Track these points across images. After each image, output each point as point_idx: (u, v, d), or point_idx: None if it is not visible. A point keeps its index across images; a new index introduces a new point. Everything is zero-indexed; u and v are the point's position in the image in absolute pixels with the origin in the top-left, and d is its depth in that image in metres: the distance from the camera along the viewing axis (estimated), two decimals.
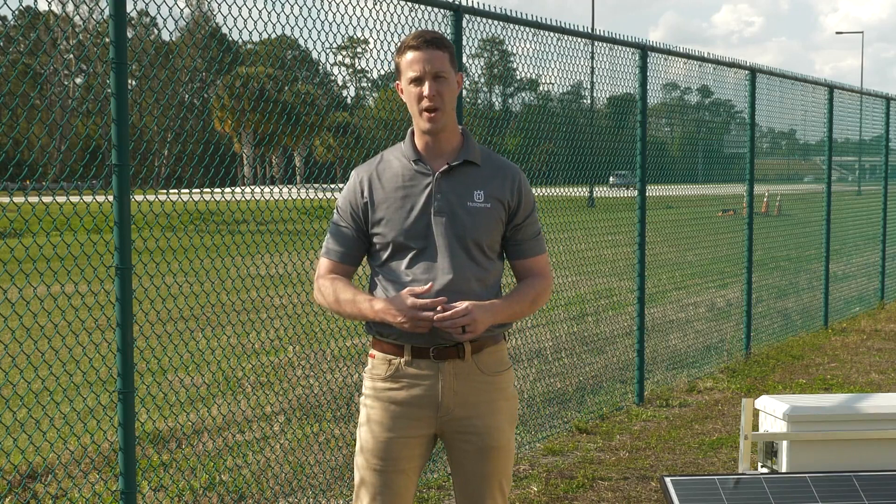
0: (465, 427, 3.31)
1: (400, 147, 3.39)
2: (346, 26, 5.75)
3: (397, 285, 3.26)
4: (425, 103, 3.24)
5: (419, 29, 3.92)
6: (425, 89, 3.23)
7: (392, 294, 3.24)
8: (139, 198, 4.87)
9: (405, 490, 3.34)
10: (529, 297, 3.37)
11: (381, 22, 5.72)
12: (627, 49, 8.27)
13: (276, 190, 7.08)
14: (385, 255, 3.31)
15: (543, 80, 7.82)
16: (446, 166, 3.30)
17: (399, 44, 3.36)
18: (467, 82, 6.51)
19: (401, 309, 3.15)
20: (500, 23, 6.71)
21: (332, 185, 6.71)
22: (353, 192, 3.36)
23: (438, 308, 3.15)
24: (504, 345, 3.41)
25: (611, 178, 9.07)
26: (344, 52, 7.77)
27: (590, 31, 7.85)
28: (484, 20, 6.49)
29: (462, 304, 3.16)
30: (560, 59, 7.56)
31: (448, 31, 6.11)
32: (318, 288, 3.38)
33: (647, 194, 8.43)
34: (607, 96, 8.45)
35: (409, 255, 3.27)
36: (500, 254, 3.42)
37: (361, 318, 3.29)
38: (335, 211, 3.40)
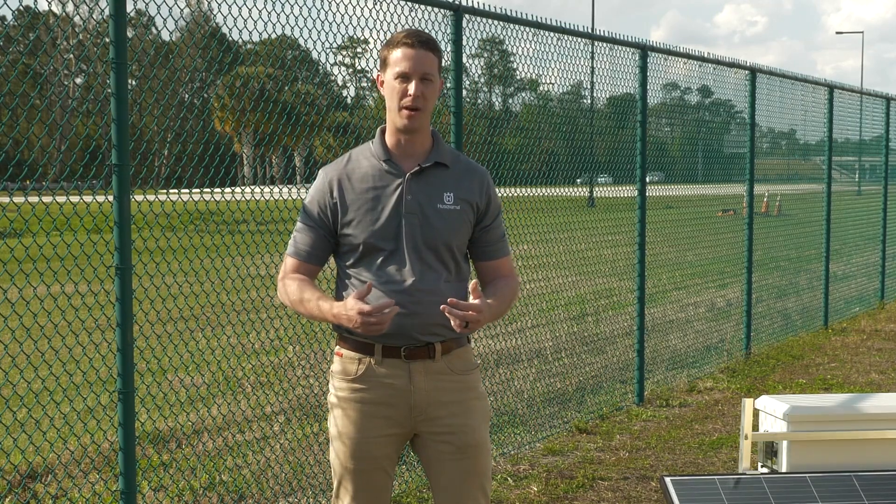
0: (440, 427, 3.31)
1: (369, 147, 3.35)
2: (346, 26, 5.75)
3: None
4: (408, 102, 3.21)
5: (411, 28, 3.90)
6: (411, 88, 3.21)
7: None
8: (139, 198, 4.86)
9: (384, 486, 3.36)
10: (509, 298, 3.39)
11: (381, 22, 5.73)
12: (627, 49, 8.27)
13: (276, 190, 7.07)
14: (355, 257, 3.29)
15: (543, 80, 7.83)
16: (417, 168, 3.28)
17: (390, 37, 3.32)
18: (467, 82, 6.51)
19: (349, 316, 3.12)
20: (501, 23, 6.71)
21: None
22: (321, 192, 3.32)
23: (451, 301, 3.10)
24: (469, 347, 3.42)
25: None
26: (344, 52, 7.76)
27: (590, 31, 7.85)
28: (484, 20, 6.49)
29: (476, 302, 3.13)
30: (560, 59, 7.57)
31: (448, 31, 6.11)
32: (282, 287, 3.35)
33: (647, 194, 8.43)
34: (607, 96, 8.45)
35: (380, 257, 3.25)
36: (467, 256, 3.42)
37: (323, 320, 3.28)
38: (302, 210, 3.37)
